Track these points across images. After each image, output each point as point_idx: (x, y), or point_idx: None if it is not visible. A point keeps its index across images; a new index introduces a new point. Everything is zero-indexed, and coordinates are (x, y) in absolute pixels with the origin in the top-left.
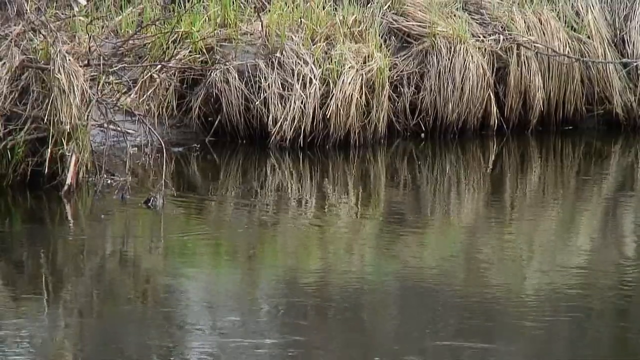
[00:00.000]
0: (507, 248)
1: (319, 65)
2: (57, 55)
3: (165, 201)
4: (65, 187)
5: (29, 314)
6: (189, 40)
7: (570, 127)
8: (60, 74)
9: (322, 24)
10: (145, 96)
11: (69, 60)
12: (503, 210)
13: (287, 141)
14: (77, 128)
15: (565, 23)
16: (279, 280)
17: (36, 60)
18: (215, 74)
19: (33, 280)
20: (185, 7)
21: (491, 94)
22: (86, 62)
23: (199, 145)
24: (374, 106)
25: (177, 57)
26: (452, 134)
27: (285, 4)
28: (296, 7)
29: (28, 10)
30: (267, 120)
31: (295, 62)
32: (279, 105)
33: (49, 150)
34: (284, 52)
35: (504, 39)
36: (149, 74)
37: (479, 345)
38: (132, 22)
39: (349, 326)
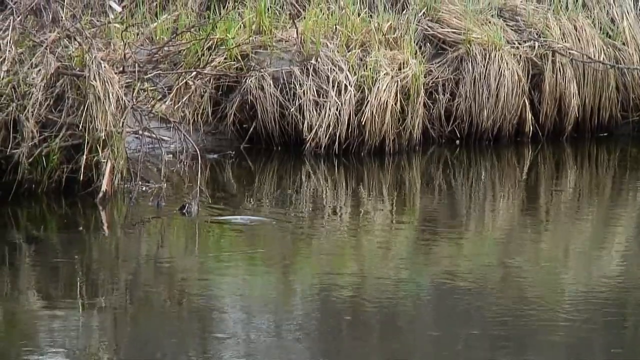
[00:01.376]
0: (542, 257)
1: (354, 72)
2: (92, 62)
3: (200, 208)
4: (101, 194)
5: (64, 320)
6: (224, 47)
7: (605, 134)
8: (96, 81)
9: (357, 30)
10: (180, 103)
11: (104, 67)
12: (538, 218)
13: (322, 148)
14: (112, 135)
15: (601, 30)
16: (315, 288)
17: (71, 67)
18: (250, 81)
19: (68, 287)
20: (220, 14)
21: (526, 101)
22: (121, 69)
23: (233, 152)
24: (409, 113)
25: (212, 64)
26: (487, 141)
27: (321, 10)
28: (331, 14)
29: (63, 17)
30: (302, 127)
31: (331, 68)
32: (314, 112)
33: (84, 157)
34: (319, 58)
35: (539, 46)
36: (184, 80)
37: (514, 357)
38: (167, 29)
39: (384, 338)
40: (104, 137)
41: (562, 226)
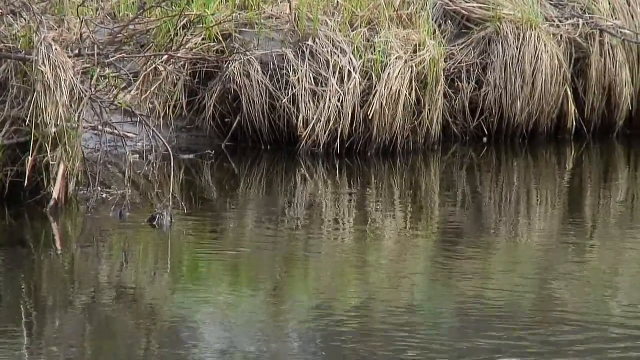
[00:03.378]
0: (586, 277)
1: (360, 55)
2: (41, 44)
3: (173, 219)
4: (51, 202)
5: (4, 357)
6: (201, 25)
7: None
8: (45, 66)
9: (363, 5)
10: (148, 92)
11: (56, 49)
12: (582, 231)
13: (321, 147)
14: (65, 131)
15: None
16: (309, 320)
17: (16, 50)
18: (234, 66)
19: (11, 317)
20: None
21: (568, 90)
22: (77, 51)
23: (213, 152)
24: (426, 104)
25: (187, 46)
26: (520, 138)
27: None
28: None
29: None
30: (297, 121)
31: (331, 51)
32: (311, 103)
33: (31, 157)
34: (316, 39)
35: (583, 24)
36: (153, 65)
37: None
38: (133, 4)
39: None
40: (54, 134)
41: (611, 241)
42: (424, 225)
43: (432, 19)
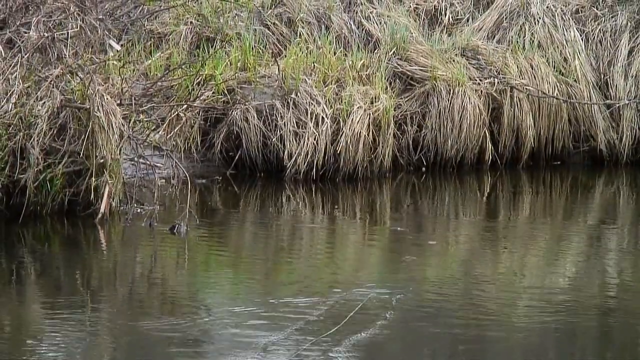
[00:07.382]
0: (501, 272)
1: (330, 105)
2: (95, 95)
3: (188, 228)
4: (99, 215)
5: (65, 328)
6: (212, 83)
7: (558, 162)
8: (100, 112)
9: (333, 68)
10: (172, 133)
11: (107, 99)
12: (497, 237)
13: (301, 174)
14: (110, 161)
15: (554, 68)
16: (292, 301)
17: (74, 100)
18: (236, 113)
19: (71, 293)
20: (209, 52)
21: (486, 132)
22: (119, 101)
23: (220, 178)
24: (380, 143)
25: (201, 98)
26: (450, 168)
27: (300, 49)
28: (310, 53)
29: (66, 55)
30: (283, 155)
31: (309, 102)
32: (294, 141)
33: (85, 181)
34: (298, 93)
35: (498, 82)
36: (176, 112)
37: None
38: (161, 66)
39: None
40: (102, 163)
41: (519, 245)
42: (378, 231)
43: (385, 78)
